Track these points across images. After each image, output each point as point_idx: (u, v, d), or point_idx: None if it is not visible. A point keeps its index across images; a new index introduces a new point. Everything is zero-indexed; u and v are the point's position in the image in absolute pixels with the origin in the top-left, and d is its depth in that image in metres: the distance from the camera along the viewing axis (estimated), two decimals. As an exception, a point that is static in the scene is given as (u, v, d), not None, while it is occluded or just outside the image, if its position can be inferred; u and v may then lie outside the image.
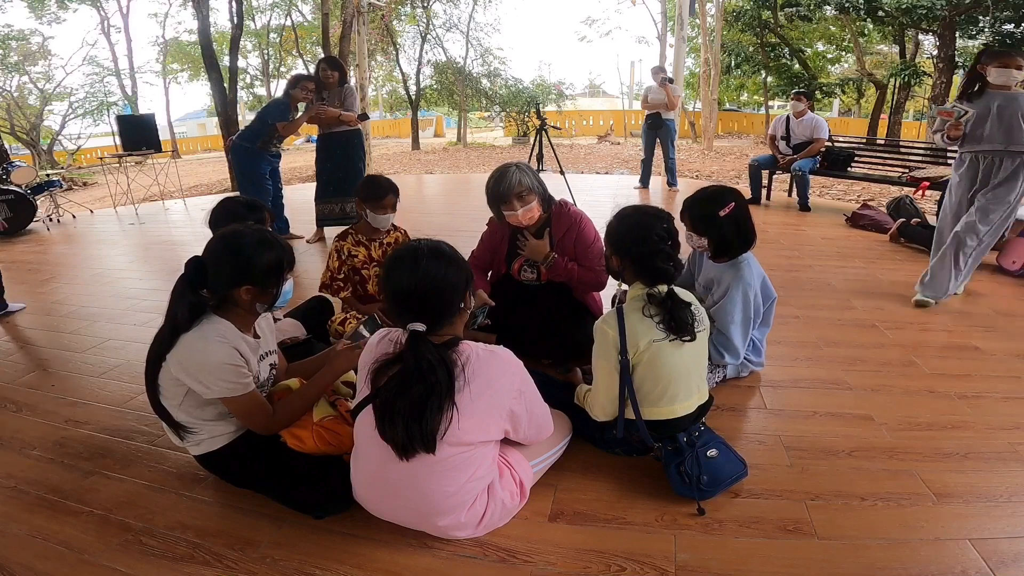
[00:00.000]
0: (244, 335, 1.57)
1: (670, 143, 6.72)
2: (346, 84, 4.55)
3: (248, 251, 1.50)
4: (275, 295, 1.59)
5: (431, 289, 1.35)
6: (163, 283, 3.88)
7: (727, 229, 2.04)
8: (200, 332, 1.48)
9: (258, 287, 1.53)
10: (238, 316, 1.56)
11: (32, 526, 1.58)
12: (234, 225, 1.61)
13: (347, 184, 4.52)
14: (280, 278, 1.58)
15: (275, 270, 1.55)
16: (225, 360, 1.48)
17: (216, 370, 1.48)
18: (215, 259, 1.51)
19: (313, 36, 21.23)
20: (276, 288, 1.58)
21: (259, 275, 1.52)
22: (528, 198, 2.23)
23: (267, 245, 1.53)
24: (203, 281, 1.50)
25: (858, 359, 2.48)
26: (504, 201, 2.22)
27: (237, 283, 1.51)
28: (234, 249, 1.51)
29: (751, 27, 15.67)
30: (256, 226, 1.63)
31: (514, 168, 2.24)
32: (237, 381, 1.51)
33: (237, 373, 1.51)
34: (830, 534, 1.48)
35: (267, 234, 1.57)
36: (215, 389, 1.49)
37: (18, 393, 2.36)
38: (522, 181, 2.21)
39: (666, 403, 1.64)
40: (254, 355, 1.59)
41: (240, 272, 1.50)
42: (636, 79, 22.88)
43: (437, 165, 12.98)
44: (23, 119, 17.33)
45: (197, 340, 1.47)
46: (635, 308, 1.63)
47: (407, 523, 1.47)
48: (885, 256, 4.06)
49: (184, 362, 1.47)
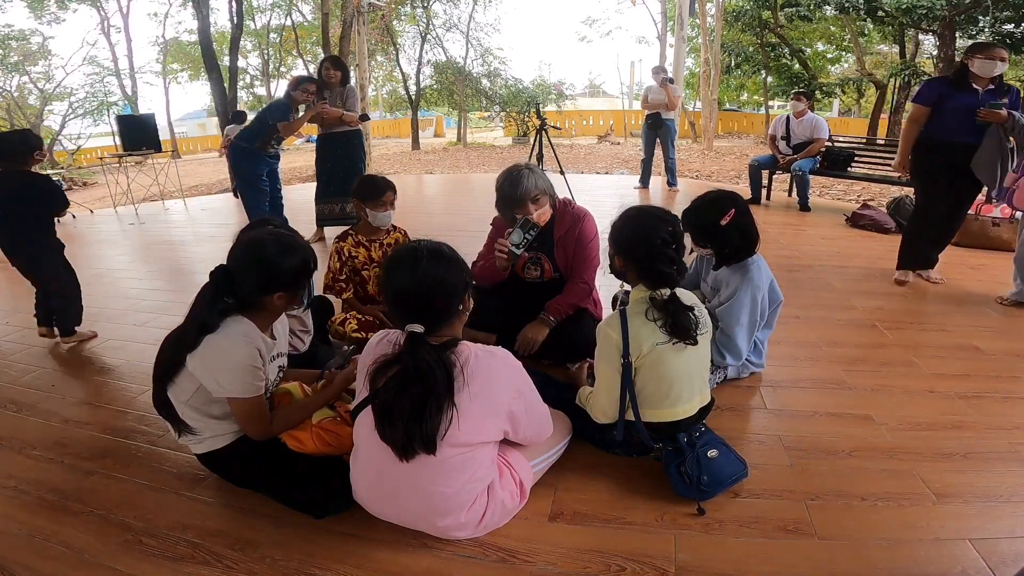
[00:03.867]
0: (264, 336, 1.59)
1: (670, 143, 6.72)
2: (348, 84, 4.55)
3: (274, 259, 1.53)
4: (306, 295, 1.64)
5: (430, 290, 1.35)
6: (163, 283, 3.88)
7: (731, 236, 2.03)
8: (226, 331, 1.50)
9: (289, 293, 1.57)
10: (261, 317, 1.59)
11: (32, 526, 1.58)
12: (255, 232, 1.64)
13: (347, 184, 4.50)
14: (308, 279, 1.62)
15: (302, 273, 1.59)
16: (247, 360, 1.50)
17: (236, 369, 1.49)
18: (242, 269, 1.53)
19: (313, 36, 21.25)
20: (304, 290, 1.62)
21: (288, 282, 1.55)
22: (542, 201, 2.25)
23: (290, 250, 1.56)
24: (231, 289, 1.52)
25: (858, 359, 2.48)
26: (519, 205, 2.23)
27: (268, 291, 1.54)
28: (260, 259, 1.53)
29: (751, 27, 15.66)
30: (275, 230, 1.66)
31: (527, 171, 2.25)
32: (252, 383, 1.52)
33: (254, 375, 1.52)
34: (830, 534, 1.48)
35: (287, 238, 1.60)
36: (228, 388, 1.50)
37: (18, 393, 2.36)
38: (537, 184, 2.24)
39: (668, 405, 1.64)
40: (268, 356, 1.60)
41: (269, 281, 1.53)
42: (636, 79, 22.92)
43: (437, 165, 12.98)
44: (23, 119, 17.33)
45: (222, 338, 1.49)
46: (638, 311, 1.62)
47: (407, 523, 1.47)
48: (885, 256, 4.06)
49: (206, 359, 1.48)
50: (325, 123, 4.51)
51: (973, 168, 3.02)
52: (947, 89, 3.07)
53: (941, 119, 3.07)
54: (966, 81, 3.01)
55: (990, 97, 2.97)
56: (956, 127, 3.03)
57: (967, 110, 2.98)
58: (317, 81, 4.42)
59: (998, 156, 2.97)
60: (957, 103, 3.02)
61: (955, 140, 3.03)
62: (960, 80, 3.03)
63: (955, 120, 3.03)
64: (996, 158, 2.97)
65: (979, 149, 2.99)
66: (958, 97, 3.02)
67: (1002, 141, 2.96)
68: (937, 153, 3.11)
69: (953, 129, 3.04)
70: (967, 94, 3.01)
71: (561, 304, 2.30)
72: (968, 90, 3.01)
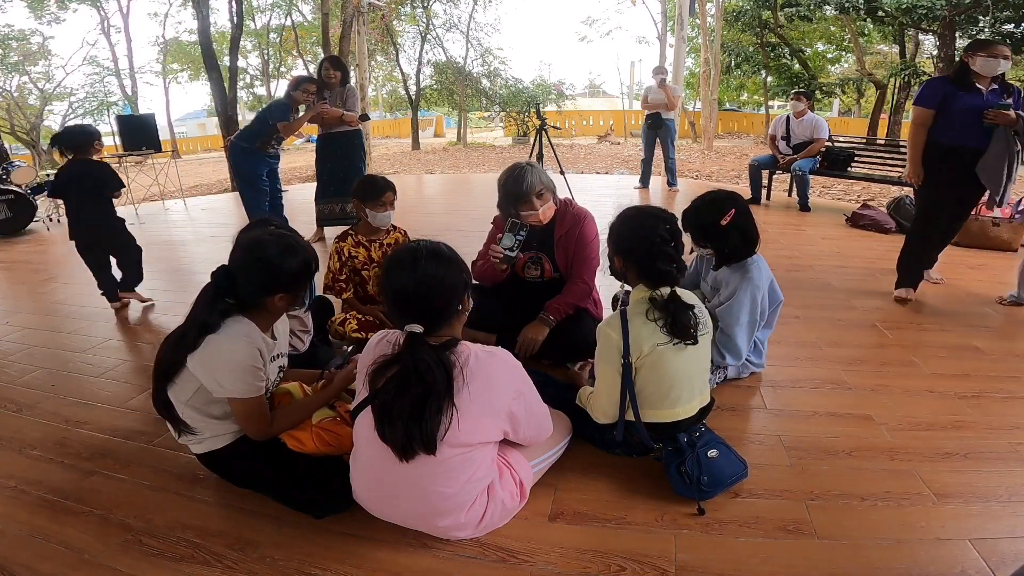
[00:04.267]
0: (264, 336, 1.59)
1: (670, 143, 6.72)
2: (348, 84, 4.55)
3: (276, 260, 1.53)
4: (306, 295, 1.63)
5: (429, 290, 1.35)
6: (163, 283, 3.88)
7: (731, 237, 2.03)
8: (227, 331, 1.50)
9: (291, 294, 1.57)
10: (262, 318, 1.59)
11: (32, 526, 1.58)
12: (256, 233, 1.63)
13: (347, 184, 4.46)
14: (309, 280, 1.62)
15: (303, 274, 1.59)
16: (248, 361, 1.50)
17: (236, 369, 1.49)
18: (243, 270, 1.53)
19: (313, 36, 21.24)
20: (306, 290, 1.63)
21: (289, 283, 1.55)
22: (546, 196, 2.27)
23: (291, 251, 1.56)
24: (232, 290, 1.52)
25: (858, 359, 2.48)
26: (524, 201, 2.24)
27: (270, 292, 1.54)
28: (261, 260, 1.53)
29: (751, 27, 15.66)
30: (278, 232, 1.65)
31: (529, 168, 2.27)
32: (252, 383, 1.52)
33: (255, 375, 1.52)
34: (830, 534, 1.48)
35: (289, 239, 1.60)
36: (229, 388, 1.50)
37: (18, 393, 2.36)
38: (542, 179, 2.26)
39: (668, 406, 1.64)
40: (268, 356, 1.60)
41: (271, 283, 1.53)
42: (636, 79, 22.94)
43: (437, 165, 12.97)
44: (23, 119, 17.34)
45: (224, 339, 1.49)
46: (639, 311, 1.62)
47: (407, 523, 1.47)
48: (885, 256, 4.06)
49: (206, 359, 1.48)
50: (325, 123, 4.51)
51: (979, 172, 2.87)
52: (950, 89, 2.90)
53: (948, 122, 2.90)
54: (968, 80, 2.85)
55: (995, 98, 2.82)
56: (963, 130, 2.86)
57: (974, 112, 2.82)
58: (317, 81, 4.42)
59: (1005, 160, 2.82)
60: (962, 104, 2.85)
61: (963, 144, 2.87)
62: (962, 79, 2.87)
63: (962, 123, 2.86)
64: (1003, 162, 2.82)
65: (986, 153, 2.84)
66: (963, 98, 2.85)
67: (1010, 144, 2.81)
68: (945, 159, 2.94)
69: (960, 132, 2.87)
70: (972, 94, 2.84)
71: (561, 304, 2.31)
72: (972, 90, 2.85)
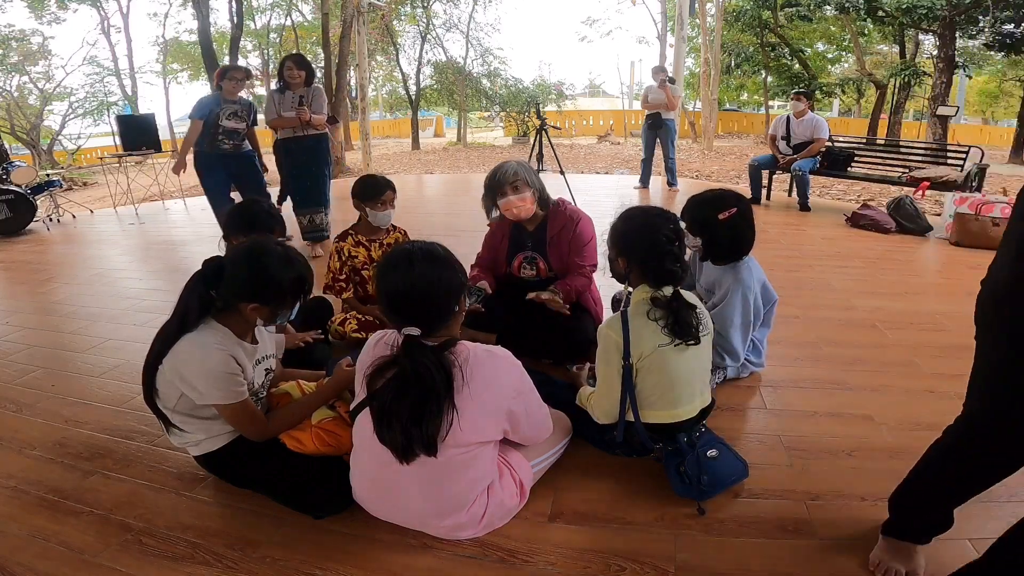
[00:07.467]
0: (242, 341, 1.57)
1: (670, 143, 6.72)
2: (314, 84, 4.14)
3: (271, 270, 1.50)
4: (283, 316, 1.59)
5: (425, 292, 1.34)
6: (163, 283, 3.88)
7: (721, 233, 2.04)
8: (199, 338, 1.48)
9: (268, 307, 1.53)
10: (238, 323, 1.56)
11: (32, 526, 1.58)
12: (263, 239, 1.61)
13: (314, 193, 4.20)
14: (295, 301, 1.58)
15: (291, 292, 1.55)
16: (221, 368, 1.48)
17: (210, 376, 1.47)
18: (235, 268, 1.51)
19: (313, 36, 21.19)
20: (287, 310, 1.58)
21: (272, 294, 1.52)
22: (522, 188, 2.26)
23: (289, 265, 1.53)
24: (217, 283, 1.51)
25: (858, 359, 2.48)
26: (498, 190, 2.27)
27: (246, 298, 1.50)
28: (254, 262, 1.51)
29: (751, 27, 15.68)
30: (285, 245, 1.62)
31: (514, 162, 2.30)
32: (231, 389, 1.50)
33: (232, 381, 1.50)
34: (830, 534, 1.48)
35: (294, 254, 1.57)
36: (208, 395, 1.49)
37: (18, 393, 2.36)
38: (518, 172, 2.26)
39: (669, 407, 1.64)
40: (250, 360, 1.59)
41: (253, 289, 1.50)
42: (636, 79, 22.93)
43: (437, 165, 12.97)
44: (23, 119, 17.30)
45: (196, 347, 1.47)
46: (640, 312, 1.62)
47: (407, 524, 1.47)
48: (885, 256, 4.06)
49: (180, 368, 1.47)
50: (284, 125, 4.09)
51: None
52: None
53: None
54: None
55: None
56: None
57: None
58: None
59: None
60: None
61: None
62: None
63: None
64: None
65: None
66: None
67: None
68: None
69: None
70: None
71: (567, 285, 2.31)
72: None
